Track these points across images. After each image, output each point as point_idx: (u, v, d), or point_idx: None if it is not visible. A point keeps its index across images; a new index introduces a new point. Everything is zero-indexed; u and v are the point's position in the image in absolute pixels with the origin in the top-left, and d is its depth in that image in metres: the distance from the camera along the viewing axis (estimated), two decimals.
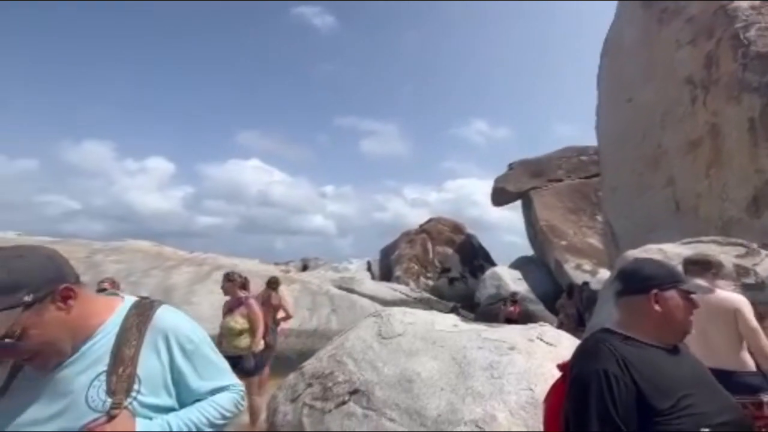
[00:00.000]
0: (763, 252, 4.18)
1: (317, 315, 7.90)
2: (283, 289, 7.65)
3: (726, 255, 4.21)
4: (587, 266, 12.58)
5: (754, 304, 2.81)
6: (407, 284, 16.34)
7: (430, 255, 18.89)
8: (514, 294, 9.82)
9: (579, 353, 1.14)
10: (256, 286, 5.85)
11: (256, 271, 8.07)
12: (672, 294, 1.11)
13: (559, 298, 9.03)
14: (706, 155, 6.40)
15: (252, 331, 3.76)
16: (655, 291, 1.10)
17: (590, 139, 12.53)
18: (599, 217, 13.43)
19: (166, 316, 0.94)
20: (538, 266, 15.70)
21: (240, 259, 9.33)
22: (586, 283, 10.00)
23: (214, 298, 5.82)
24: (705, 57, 6.50)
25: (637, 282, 1.14)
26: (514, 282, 14.02)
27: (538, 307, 12.37)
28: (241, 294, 3.91)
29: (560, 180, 16.31)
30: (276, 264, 10.07)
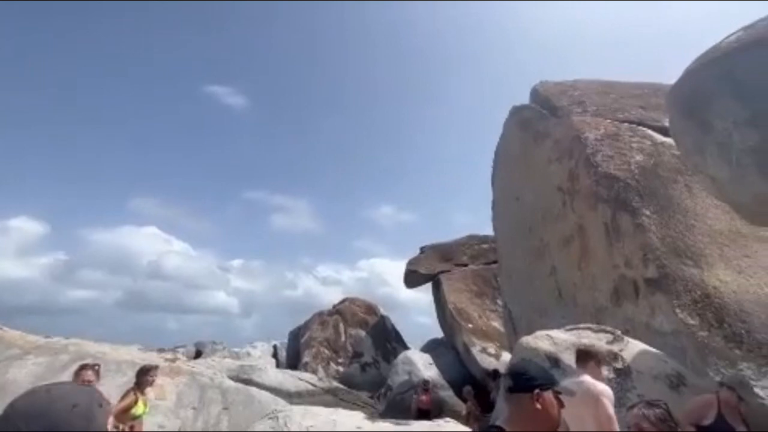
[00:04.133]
0: (626, 338, 4.87)
1: (204, 414, 6.71)
2: (164, 385, 6.47)
3: (599, 341, 4.78)
4: (492, 349, 13.14)
5: (622, 391, 3.16)
6: (316, 372, 15.11)
7: (342, 338, 18.07)
8: (426, 382, 9.69)
9: None
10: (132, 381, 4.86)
11: (131, 360, 6.79)
12: (548, 394, 1.30)
13: (466, 384, 9.14)
14: (577, 251, 7.58)
15: None
16: (537, 390, 1.28)
17: (487, 228, 14.13)
18: (500, 301, 14.52)
19: None
20: (448, 349, 15.93)
21: (113, 345, 7.79)
22: (495, 370, 10.38)
23: None
24: (569, 172, 8.08)
25: (523, 382, 1.31)
26: (425, 367, 13.89)
27: (448, 393, 12.27)
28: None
29: (466, 265, 17.60)
30: (160, 351, 8.59)
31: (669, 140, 7.24)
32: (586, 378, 2.85)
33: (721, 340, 4.87)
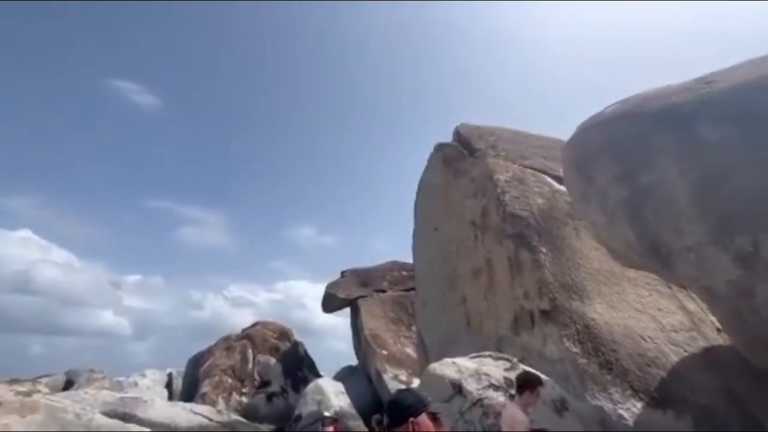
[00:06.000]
0: (522, 366, 5.26)
1: None
2: (9, 424, 5.29)
3: (498, 368, 5.10)
4: (403, 376, 13.25)
5: None
6: (215, 403, 13.71)
7: (250, 365, 16.78)
8: (335, 412, 9.36)
9: None
10: None
11: None
12: (423, 417, 1.32)
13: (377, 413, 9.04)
14: (485, 282, 8.15)
15: None
16: (412, 419, 1.29)
17: (406, 256, 14.61)
18: (414, 328, 14.85)
19: None
20: (361, 377, 15.70)
21: None
22: None
23: None
24: (482, 208, 8.77)
25: (398, 414, 1.33)
26: (336, 396, 13.45)
27: (358, 423, 11.97)
28: None
29: (384, 291, 17.80)
30: (14, 381, 7.05)
31: (563, 188, 8.30)
32: (512, 408, 3.12)
33: (596, 367, 5.52)
